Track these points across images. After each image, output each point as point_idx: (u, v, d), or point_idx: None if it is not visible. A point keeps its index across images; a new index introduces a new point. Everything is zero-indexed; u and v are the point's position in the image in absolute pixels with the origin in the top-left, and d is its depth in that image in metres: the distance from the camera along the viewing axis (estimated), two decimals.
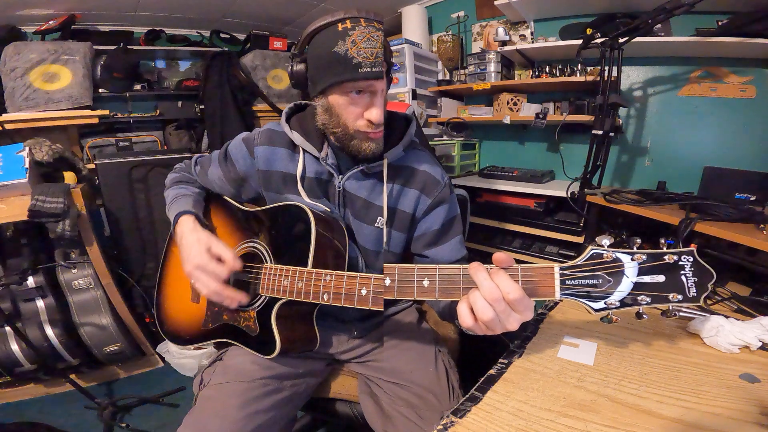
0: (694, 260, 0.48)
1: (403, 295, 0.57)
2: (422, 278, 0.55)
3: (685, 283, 0.48)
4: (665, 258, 0.48)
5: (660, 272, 0.48)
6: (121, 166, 1.77)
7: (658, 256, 0.48)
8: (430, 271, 0.55)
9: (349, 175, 0.78)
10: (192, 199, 0.85)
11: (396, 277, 0.57)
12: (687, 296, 0.48)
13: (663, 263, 0.48)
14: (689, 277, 0.48)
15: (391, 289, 0.57)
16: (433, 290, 0.55)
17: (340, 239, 0.77)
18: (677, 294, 0.48)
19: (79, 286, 1.53)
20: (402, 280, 0.57)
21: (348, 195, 0.80)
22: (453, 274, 0.54)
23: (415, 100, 2.15)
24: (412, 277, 0.56)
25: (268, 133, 0.83)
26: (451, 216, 0.83)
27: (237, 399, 0.71)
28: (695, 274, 0.48)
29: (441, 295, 0.55)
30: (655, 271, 0.48)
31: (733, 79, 1.59)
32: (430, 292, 0.55)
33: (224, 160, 0.87)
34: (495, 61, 2.04)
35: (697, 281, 0.48)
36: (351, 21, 0.63)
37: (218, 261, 0.73)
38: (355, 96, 0.67)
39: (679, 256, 0.48)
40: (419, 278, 0.56)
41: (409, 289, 0.56)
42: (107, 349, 1.57)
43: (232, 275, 0.75)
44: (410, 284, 0.56)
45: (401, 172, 0.80)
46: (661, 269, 0.48)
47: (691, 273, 0.48)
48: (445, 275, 0.54)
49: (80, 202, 1.42)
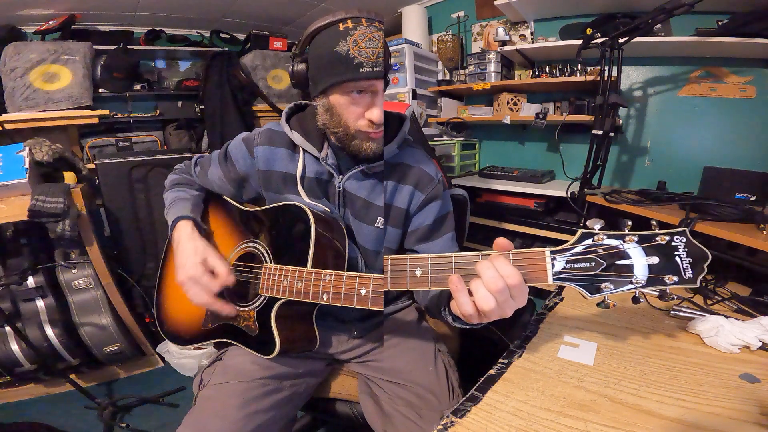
0: (687, 240, 0.48)
1: (396, 286, 0.56)
2: (414, 268, 0.55)
3: (680, 264, 0.48)
4: (657, 239, 0.47)
5: (653, 253, 0.48)
6: (121, 166, 1.77)
7: (650, 237, 0.48)
8: (422, 260, 0.55)
9: (349, 175, 0.78)
10: (190, 202, 0.85)
11: (389, 268, 0.57)
12: (683, 277, 0.47)
13: (655, 244, 0.48)
14: (684, 258, 0.48)
15: (384, 280, 0.57)
16: (426, 280, 0.54)
17: (340, 239, 0.77)
18: (672, 276, 0.47)
19: (79, 286, 1.53)
20: (394, 271, 0.56)
21: (348, 195, 0.80)
22: (445, 262, 0.54)
23: (415, 100, 2.15)
24: (405, 268, 0.56)
25: (268, 133, 0.83)
26: (444, 212, 0.83)
27: (237, 399, 0.71)
28: (690, 255, 0.48)
29: (434, 284, 0.54)
30: (649, 252, 0.48)
31: (733, 79, 1.59)
32: (422, 282, 0.55)
33: (224, 160, 0.87)
34: (495, 61, 2.04)
35: (692, 262, 0.47)
36: (352, 21, 0.64)
37: (212, 274, 0.73)
38: (356, 96, 0.67)
39: (672, 236, 0.48)
40: (411, 268, 0.55)
41: (401, 280, 0.56)
42: (107, 349, 1.57)
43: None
44: (402, 275, 0.56)
45: (395, 169, 0.80)
46: (655, 250, 0.48)
47: (685, 254, 0.48)
48: (436, 264, 0.54)
49: (80, 202, 1.42)
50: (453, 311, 0.59)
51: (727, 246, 0.96)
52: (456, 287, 0.51)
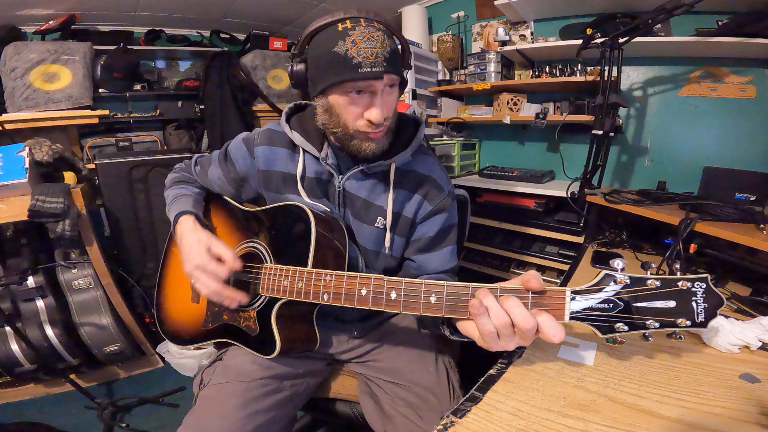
0: (707, 287, 0.48)
1: (408, 310, 0.56)
2: (429, 294, 0.55)
3: (695, 309, 0.48)
4: (678, 284, 0.48)
5: (671, 298, 0.48)
6: (121, 166, 1.77)
7: (672, 282, 0.48)
8: (438, 287, 0.55)
9: (349, 175, 0.78)
10: (192, 199, 0.85)
11: (402, 291, 0.57)
12: (695, 321, 0.48)
13: (676, 289, 0.48)
14: (699, 303, 0.48)
15: (396, 303, 0.57)
16: (440, 307, 0.54)
17: (340, 239, 0.77)
18: (686, 319, 0.48)
19: (79, 286, 1.53)
20: (408, 295, 0.56)
21: (348, 195, 0.80)
22: (461, 293, 0.54)
23: (415, 100, 2.15)
24: (419, 293, 0.56)
25: (268, 133, 0.83)
26: (448, 225, 0.83)
27: (237, 399, 0.71)
28: (706, 300, 0.48)
29: (447, 312, 0.54)
30: (667, 297, 0.48)
31: (733, 79, 1.59)
32: (436, 309, 0.55)
33: (224, 160, 0.87)
34: (495, 61, 2.04)
35: (707, 307, 0.48)
36: (351, 21, 0.64)
37: (218, 261, 0.73)
38: (355, 96, 0.66)
39: (693, 282, 0.48)
40: (426, 294, 0.55)
41: (415, 305, 0.56)
42: (107, 349, 1.57)
43: (232, 275, 0.75)
44: (417, 300, 0.56)
45: (408, 177, 0.80)
46: (674, 295, 0.48)
47: (702, 299, 0.48)
48: (452, 293, 0.54)
49: (80, 202, 1.42)
50: (453, 324, 0.60)
51: (727, 246, 0.96)
52: (477, 311, 0.51)
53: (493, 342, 0.51)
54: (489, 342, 0.52)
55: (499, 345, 0.52)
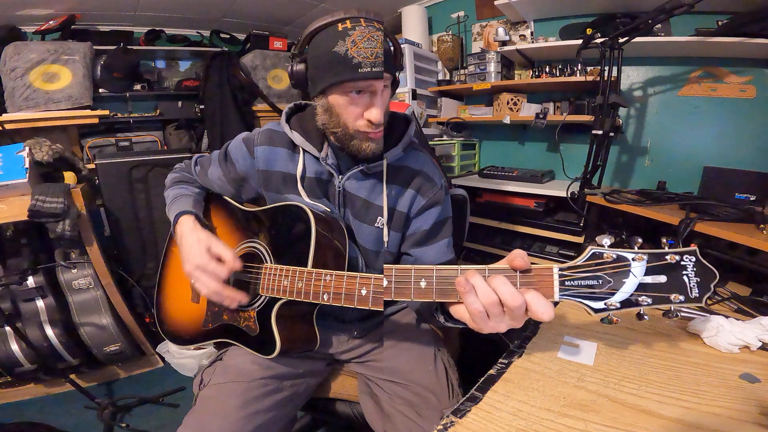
0: (697, 260, 0.48)
1: (400, 296, 0.56)
2: (419, 279, 0.55)
3: (687, 284, 0.47)
4: (667, 258, 0.47)
5: (661, 272, 0.48)
6: (121, 166, 1.77)
7: (660, 255, 0.48)
8: (427, 272, 0.55)
9: (349, 175, 0.78)
10: (192, 199, 0.85)
11: (393, 278, 0.57)
12: (689, 297, 0.47)
13: (665, 263, 0.47)
14: (691, 278, 0.47)
15: (388, 290, 0.57)
16: (431, 291, 0.55)
17: (340, 239, 0.77)
18: (679, 294, 0.47)
19: (79, 286, 1.53)
20: (399, 281, 0.56)
21: (348, 195, 0.80)
22: (451, 275, 0.54)
23: (415, 100, 2.15)
24: (409, 278, 0.56)
25: (268, 133, 0.83)
26: (442, 218, 0.83)
27: (237, 399, 0.71)
28: (697, 275, 0.47)
29: (438, 296, 0.54)
30: (657, 271, 0.48)
31: (733, 79, 1.59)
32: (427, 293, 0.55)
33: (224, 160, 0.87)
34: (495, 61, 2.04)
35: (700, 281, 0.47)
36: (351, 21, 0.64)
37: (218, 261, 0.73)
38: (354, 96, 0.67)
39: (681, 255, 0.47)
40: (416, 279, 0.55)
41: (406, 290, 0.56)
42: (107, 349, 1.57)
43: (232, 275, 0.75)
44: (407, 285, 0.56)
45: (400, 173, 0.80)
46: (663, 269, 0.48)
47: (693, 273, 0.47)
48: (442, 276, 0.54)
49: (80, 202, 1.42)
50: (447, 310, 0.60)
51: (727, 246, 0.96)
52: (464, 288, 0.50)
53: (483, 322, 0.51)
54: (479, 322, 0.51)
55: (489, 326, 0.51)
